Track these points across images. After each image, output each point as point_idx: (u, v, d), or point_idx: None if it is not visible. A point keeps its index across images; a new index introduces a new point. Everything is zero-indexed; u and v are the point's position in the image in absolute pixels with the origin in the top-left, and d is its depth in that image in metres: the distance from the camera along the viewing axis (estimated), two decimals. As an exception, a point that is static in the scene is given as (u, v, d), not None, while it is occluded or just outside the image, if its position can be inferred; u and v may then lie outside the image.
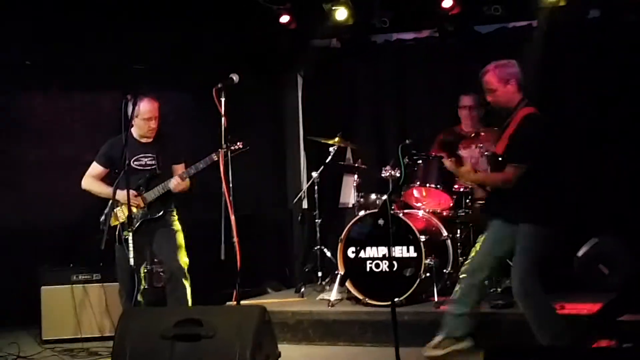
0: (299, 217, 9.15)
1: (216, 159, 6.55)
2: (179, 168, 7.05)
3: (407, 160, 6.95)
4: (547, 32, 8.31)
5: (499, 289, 7.22)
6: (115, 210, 6.87)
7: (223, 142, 6.34)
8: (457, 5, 8.28)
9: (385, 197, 7.56)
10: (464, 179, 6.39)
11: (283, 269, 9.36)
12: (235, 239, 6.13)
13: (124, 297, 6.89)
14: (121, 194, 6.59)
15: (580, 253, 7.58)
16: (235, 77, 6.33)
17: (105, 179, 7.05)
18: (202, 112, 7.24)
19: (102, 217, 6.92)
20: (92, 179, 7.09)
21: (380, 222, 6.83)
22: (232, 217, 6.17)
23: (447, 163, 6.15)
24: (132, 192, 6.59)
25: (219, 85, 6.28)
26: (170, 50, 8.40)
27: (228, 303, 6.92)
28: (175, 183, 6.88)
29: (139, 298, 6.58)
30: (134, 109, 6.63)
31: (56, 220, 8.42)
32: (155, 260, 7.40)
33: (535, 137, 5.72)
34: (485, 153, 7.45)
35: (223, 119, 6.25)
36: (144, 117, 6.90)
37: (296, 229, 9.44)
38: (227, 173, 6.28)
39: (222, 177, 6.27)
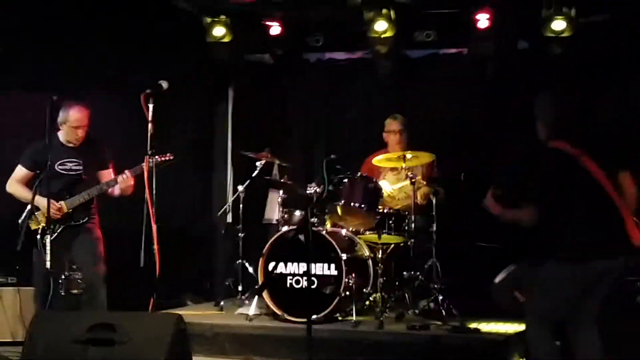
0: (223, 231, 9.13)
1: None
2: (106, 174, 6.99)
3: (332, 176, 7.01)
4: (477, 61, 8.48)
5: (416, 311, 7.30)
6: (36, 213, 6.76)
7: (149, 149, 6.28)
8: (390, 29, 8.34)
9: (301, 213, 7.64)
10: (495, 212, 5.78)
11: (204, 281, 9.31)
12: (155, 247, 6.08)
13: (39, 303, 6.78)
14: (42, 200, 6.51)
15: (497, 280, 7.68)
16: (164, 84, 6.30)
17: (30, 183, 6.90)
18: (130, 119, 7.18)
19: (20, 219, 6.80)
20: (17, 183, 6.95)
21: (300, 237, 6.91)
22: (154, 226, 6.12)
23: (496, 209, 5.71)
24: (52, 201, 6.49)
25: (148, 91, 6.24)
26: (102, 55, 8.32)
27: (145, 312, 6.86)
28: (125, 177, 6.78)
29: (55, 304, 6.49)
30: (59, 114, 6.59)
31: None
32: (74, 267, 7.30)
33: (532, 176, 5.49)
34: (411, 177, 7.59)
35: (150, 125, 6.21)
36: (72, 125, 6.83)
37: (219, 243, 9.41)
38: (150, 181, 6.23)
39: (145, 184, 6.22)
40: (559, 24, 7.92)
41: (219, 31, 8.79)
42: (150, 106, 6.23)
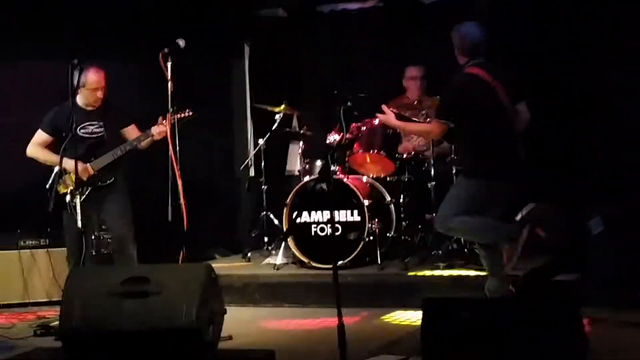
0: (246, 185, 9.24)
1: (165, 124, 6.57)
2: (130, 130, 7.07)
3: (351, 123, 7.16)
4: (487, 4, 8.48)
5: (440, 252, 7.41)
6: (64, 177, 6.89)
7: (170, 107, 6.37)
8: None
9: (322, 162, 7.76)
10: (391, 125, 6.57)
11: (230, 235, 9.45)
12: (182, 202, 6.19)
13: (72, 263, 6.94)
14: (69, 162, 6.63)
15: (518, 217, 7.77)
16: (181, 42, 6.32)
17: (52, 147, 7.02)
18: (148, 79, 7.27)
19: (48, 184, 6.93)
20: (37, 147, 7.06)
21: (323, 186, 7.05)
22: (180, 181, 6.22)
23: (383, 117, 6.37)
24: (80, 163, 6.60)
25: (166, 50, 6.30)
26: (115, 16, 8.37)
27: (175, 266, 7.00)
28: (159, 129, 6.79)
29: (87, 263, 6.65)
30: (79, 77, 6.66)
31: (2, 186, 8.36)
32: (103, 227, 7.44)
33: (448, 96, 6.14)
34: (427, 120, 7.67)
35: (170, 83, 6.29)
36: (90, 87, 6.90)
37: (243, 196, 9.53)
38: (174, 138, 6.33)
39: (169, 142, 6.31)
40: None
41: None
42: (169, 65, 6.30)
